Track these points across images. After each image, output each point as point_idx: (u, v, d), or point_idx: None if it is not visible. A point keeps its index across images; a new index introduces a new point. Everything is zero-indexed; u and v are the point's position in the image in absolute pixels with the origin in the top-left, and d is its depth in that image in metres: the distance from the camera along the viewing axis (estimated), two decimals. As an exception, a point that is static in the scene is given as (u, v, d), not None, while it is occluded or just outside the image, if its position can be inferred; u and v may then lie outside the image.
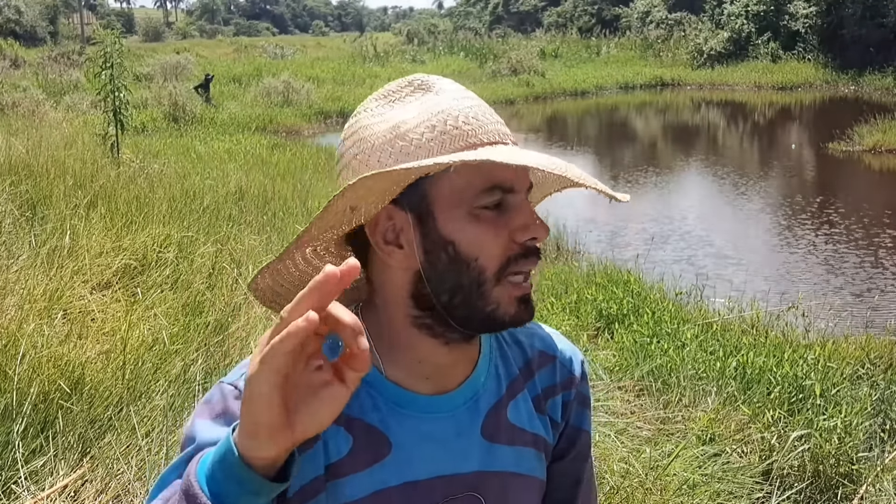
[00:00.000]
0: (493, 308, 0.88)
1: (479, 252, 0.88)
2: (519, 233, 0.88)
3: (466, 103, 0.92)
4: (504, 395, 0.97)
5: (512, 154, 0.84)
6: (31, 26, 46.65)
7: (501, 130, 0.92)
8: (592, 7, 43.78)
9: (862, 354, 4.68)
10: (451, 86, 0.94)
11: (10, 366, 3.12)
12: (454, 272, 0.88)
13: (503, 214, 0.89)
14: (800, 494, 3.27)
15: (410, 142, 0.89)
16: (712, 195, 12.47)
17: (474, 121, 0.91)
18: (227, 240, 5.78)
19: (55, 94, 17.99)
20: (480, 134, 0.90)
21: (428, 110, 0.90)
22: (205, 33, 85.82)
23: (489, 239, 0.88)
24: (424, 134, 0.89)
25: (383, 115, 0.90)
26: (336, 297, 0.67)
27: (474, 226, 0.88)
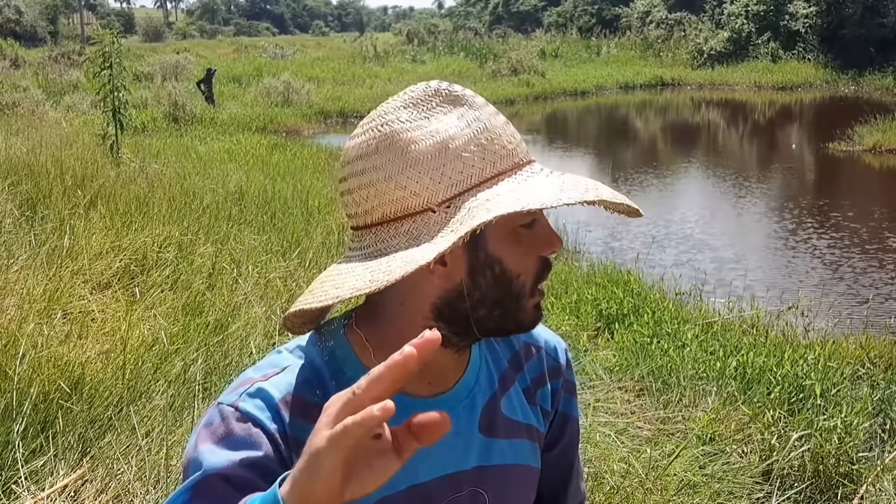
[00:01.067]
0: (522, 318, 0.93)
1: (522, 269, 0.91)
2: (545, 248, 0.92)
3: (501, 119, 0.92)
4: (497, 390, 0.99)
5: (565, 193, 0.86)
6: (31, 26, 46.66)
7: (519, 146, 0.93)
8: (592, 7, 43.77)
9: (862, 354, 4.67)
10: (480, 98, 0.93)
11: (10, 366, 3.12)
12: (498, 289, 0.90)
13: (532, 231, 0.91)
14: (800, 494, 3.26)
15: (463, 161, 0.87)
16: (712, 195, 12.47)
17: (514, 139, 0.92)
18: (226, 240, 5.78)
19: (55, 94, 17.99)
20: (521, 153, 0.91)
21: (471, 126, 0.88)
22: (205, 33, 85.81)
23: (528, 257, 0.91)
24: (475, 153, 0.87)
25: (423, 127, 0.87)
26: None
27: (516, 245, 0.90)
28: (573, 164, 15.16)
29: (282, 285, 5.01)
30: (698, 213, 10.66)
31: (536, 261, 0.92)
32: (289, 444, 0.85)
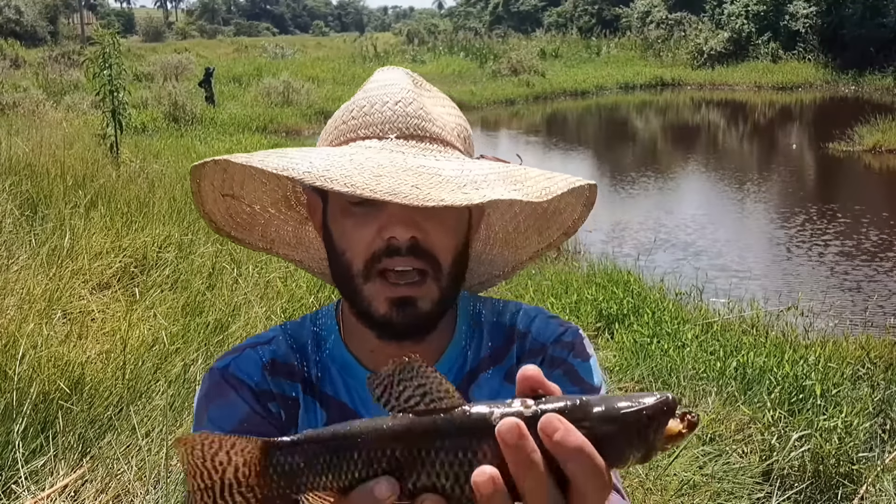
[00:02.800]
0: (367, 305, 0.92)
1: (347, 246, 0.92)
2: (382, 231, 0.90)
3: (372, 93, 0.97)
4: (464, 381, 1.00)
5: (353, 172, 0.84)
6: (31, 26, 46.65)
7: (391, 121, 0.94)
8: (592, 7, 43.78)
9: (862, 354, 4.67)
10: (381, 75, 1.00)
11: (10, 366, 3.12)
12: (336, 265, 0.94)
13: (376, 210, 0.91)
14: (800, 495, 3.26)
15: (324, 133, 0.99)
16: (712, 195, 12.46)
17: (361, 115, 0.95)
18: (226, 240, 5.76)
19: (55, 94, 17.97)
20: (365, 127, 0.94)
21: (347, 104, 0.98)
22: (205, 33, 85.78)
23: (355, 234, 0.91)
24: (331, 126, 0.98)
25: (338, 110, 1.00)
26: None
27: (344, 219, 0.93)
28: (573, 165, 15.17)
29: (282, 285, 5.01)
30: (698, 214, 10.65)
31: (369, 241, 0.90)
32: (274, 399, 0.97)
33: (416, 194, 0.81)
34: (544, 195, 0.86)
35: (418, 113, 0.94)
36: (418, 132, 0.93)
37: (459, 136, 0.99)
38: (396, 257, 0.89)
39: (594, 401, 0.61)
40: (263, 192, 1.05)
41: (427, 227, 0.91)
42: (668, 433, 0.60)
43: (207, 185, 1.00)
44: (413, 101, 0.95)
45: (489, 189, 0.84)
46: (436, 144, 0.94)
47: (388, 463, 0.59)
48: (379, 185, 0.81)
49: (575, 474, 0.58)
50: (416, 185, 0.82)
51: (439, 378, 0.61)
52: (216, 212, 1.03)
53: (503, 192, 0.84)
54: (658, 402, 0.60)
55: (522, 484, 0.58)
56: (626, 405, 0.60)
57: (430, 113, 0.96)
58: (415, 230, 0.89)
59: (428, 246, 0.91)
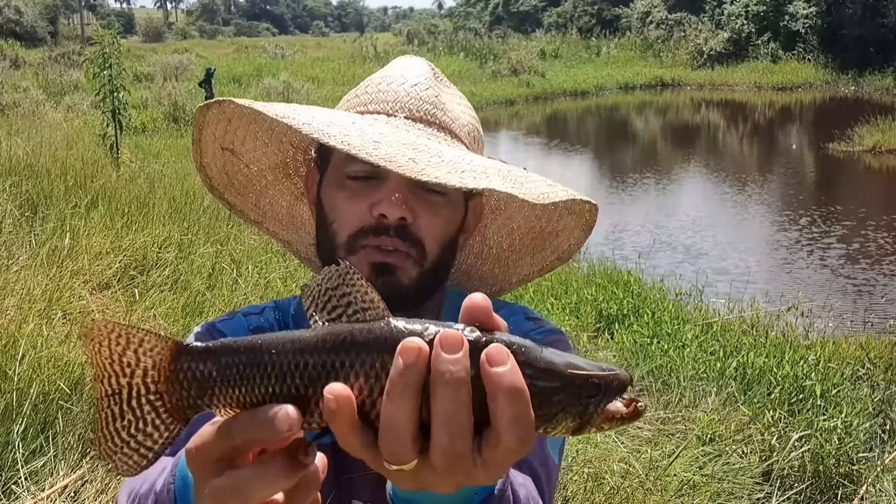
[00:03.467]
0: None
1: (335, 217, 0.92)
2: (373, 207, 0.90)
3: (391, 72, 0.98)
4: None
5: (352, 132, 0.83)
6: (31, 26, 46.63)
7: (403, 100, 0.94)
8: (592, 7, 43.78)
9: (862, 355, 4.67)
10: (404, 59, 1.02)
11: (10, 366, 3.12)
12: (321, 233, 0.95)
13: (372, 186, 0.90)
14: (800, 495, 3.27)
15: (339, 104, 1.01)
16: (712, 196, 12.46)
17: (375, 90, 0.97)
18: (227, 240, 5.78)
19: (55, 94, 17.97)
20: (376, 103, 0.95)
21: (366, 79, 1.00)
22: (205, 33, 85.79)
23: (346, 207, 0.91)
24: (349, 96, 1.00)
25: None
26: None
27: (338, 191, 0.93)
28: (573, 165, 15.16)
29: (282, 285, 5.01)
30: (698, 214, 10.65)
31: (360, 215, 0.90)
32: None
33: (411, 167, 0.80)
34: (542, 199, 0.85)
35: (432, 99, 0.94)
36: (427, 117, 0.93)
37: (469, 134, 0.99)
38: (383, 236, 0.89)
39: (545, 351, 0.55)
40: (263, 153, 1.04)
41: (419, 211, 0.90)
42: (610, 412, 0.55)
43: (209, 135, 0.98)
44: (429, 88, 0.95)
45: (486, 179, 0.83)
46: (443, 133, 0.93)
47: (300, 377, 0.54)
48: (377, 150, 0.81)
49: (501, 418, 0.51)
50: (414, 158, 0.81)
51: (365, 287, 0.56)
52: (213, 166, 1.02)
53: (501, 185, 0.83)
54: (608, 375, 0.55)
55: (440, 407, 0.52)
56: (574, 365, 0.55)
57: (444, 103, 0.95)
58: (407, 212, 0.89)
59: (416, 230, 0.90)
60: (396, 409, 0.52)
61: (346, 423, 0.52)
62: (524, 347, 0.55)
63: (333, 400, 0.52)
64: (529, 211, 1.03)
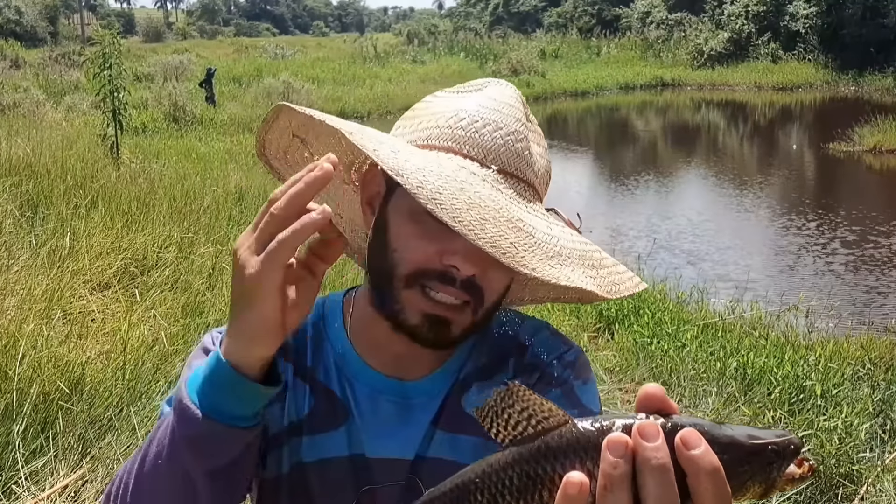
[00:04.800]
0: (399, 309, 0.89)
1: (400, 246, 0.90)
2: (446, 254, 0.88)
3: (486, 112, 0.93)
4: (457, 384, 0.98)
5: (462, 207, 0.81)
6: (31, 26, 46.66)
7: (498, 151, 0.91)
8: (593, 7, 43.78)
9: (862, 355, 4.67)
10: (497, 91, 0.96)
11: (10, 366, 3.12)
12: (378, 255, 0.92)
13: (447, 232, 0.86)
14: (800, 495, 3.26)
15: (420, 122, 0.95)
16: (713, 196, 12.47)
17: (472, 130, 0.92)
18: (226, 240, 5.77)
19: (55, 94, 17.97)
20: (467, 145, 0.91)
21: (456, 105, 0.94)
22: (205, 34, 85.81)
23: (415, 241, 0.89)
24: (432, 122, 0.94)
25: (437, 100, 0.97)
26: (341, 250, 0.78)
27: (410, 223, 0.90)
28: (573, 166, 15.16)
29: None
30: (698, 215, 10.65)
31: (427, 256, 0.88)
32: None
33: (512, 253, 0.82)
34: (612, 292, 0.88)
35: (524, 154, 0.93)
36: (518, 173, 0.92)
37: (544, 183, 0.98)
38: (449, 287, 0.88)
39: (723, 427, 0.61)
40: (335, 150, 0.99)
41: (488, 269, 0.89)
42: (790, 475, 0.60)
43: (285, 120, 0.96)
44: (523, 139, 0.93)
45: (570, 270, 0.85)
46: (529, 191, 0.93)
47: (509, 494, 0.59)
48: (483, 231, 0.81)
49: (703, 496, 0.56)
50: (514, 243, 0.83)
51: (540, 399, 0.60)
52: (274, 141, 1.00)
53: (581, 280, 0.86)
54: (786, 441, 0.60)
55: (650, 490, 0.56)
56: (753, 436, 0.60)
57: (532, 155, 0.94)
58: (478, 269, 0.88)
59: (480, 285, 0.90)
60: (617, 500, 0.55)
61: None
62: (706, 427, 0.59)
63: (576, 484, 0.55)
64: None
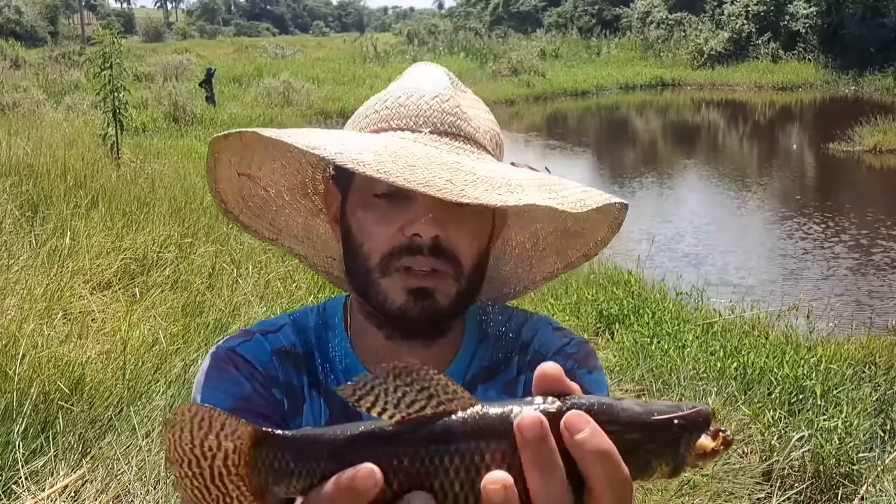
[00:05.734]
0: (383, 298, 0.89)
1: (365, 239, 0.90)
2: (405, 227, 0.87)
3: (409, 83, 0.95)
4: (465, 382, 0.97)
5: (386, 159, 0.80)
6: (31, 26, 46.64)
7: (426, 114, 0.91)
8: (593, 7, 43.76)
9: (863, 355, 4.67)
10: (417, 69, 0.98)
11: (11, 366, 3.12)
12: (351, 258, 0.92)
13: (401, 205, 0.87)
14: (800, 495, 3.27)
15: (353, 121, 0.96)
16: (713, 196, 12.47)
17: (396, 105, 0.93)
18: (227, 240, 5.78)
19: (56, 94, 17.97)
20: (398, 118, 0.91)
21: (381, 94, 0.96)
22: (205, 34, 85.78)
23: (375, 227, 0.89)
24: (362, 115, 0.95)
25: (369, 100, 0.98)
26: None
27: (365, 212, 0.90)
28: (574, 166, 15.16)
29: (282, 286, 5.01)
30: (698, 215, 10.66)
31: (389, 236, 0.87)
32: (280, 386, 0.95)
33: (450, 188, 0.78)
34: (580, 206, 0.83)
35: (454, 110, 0.92)
36: (453, 129, 0.91)
37: (491, 141, 0.97)
38: (418, 256, 0.86)
39: (623, 404, 0.56)
40: (282, 175, 1.01)
41: (450, 226, 0.88)
42: (701, 449, 0.56)
43: (225, 161, 0.95)
44: (450, 98, 0.93)
45: (524, 194, 0.81)
46: (469, 145, 0.91)
47: (394, 473, 0.53)
48: (413, 175, 0.78)
49: (596, 481, 0.53)
50: (451, 179, 0.80)
51: (444, 380, 0.55)
52: (228, 192, 0.99)
53: (539, 198, 0.80)
54: (692, 413, 0.56)
55: (537, 488, 0.52)
56: (657, 412, 0.56)
57: (465, 112, 0.93)
58: (440, 229, 0.86)
59: (450, 246, 0.88)
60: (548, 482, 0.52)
61: None
62: (604, 405, 0.55)
63: (501, 490, 0.51)
64: (553, 211, 1.00)
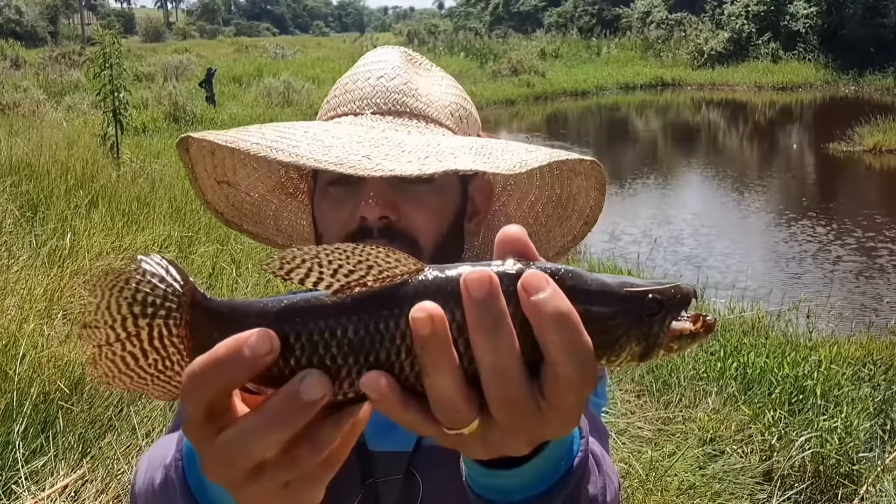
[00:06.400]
0: None
1: (324, 228, 0.90)
2: (355, 210, 0.85)
3: (358, 68, 0.94)
4: None
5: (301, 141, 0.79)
6: (31, 26, 46.66)
7: (369, 97, 0.89)
8: (593, 7, 43.76)
9: (863, 355, 4.67)
10: (372, 53, 0.97)
11: (11, 366, 3.12)
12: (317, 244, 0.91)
13: (353, 190, 0.86)
14: (800, 495, 3.27)
15: (327, 101, 0.96)
16: (713, 196, 12.46)
17: (343, 91, 0.92)
18: (227, 240, 5.77)
19: (56, 94, 17.97)
20: (343, 104, 0.91)
21: (338, 80, 0.96)
22: (205, 33, 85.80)
23: (330, 217, 0.88)
24: (323, 104, 0.96)
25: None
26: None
27: (321, 201, 0.89)
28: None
29: (282, 285, 5.00)
30: (699, 214, 10.65)
31: (342, 223, 0.86)
32: None
33: (364, 164, 0.76)
34: (518, 167, 0.78)
35: (400, 88, 0.90)
36: (397, 107, 0.89)
37: (453, 115, 0.93)
38: (368, 240, 0.83)
39: (592, 274, 0.50)
40: (256, 177, 1.00)
41: (404, 207, 0.86)
42: (677, 330, 0.49)
43: (201, 171, 0.95)
44: (397, 77, 0.91)
45: (452, 161, 0.77)
46: (415, 121, 0.89)
47: (338, 346, 0.47)
48: (326, 155, 0.77)
49: (553, 351, 0.45)
50: (368, 155, 0.77)
51: (385, 249, 0.48)
52: (218, 202, 1.00)
53: (467, 164, 0.76)
54: (671, 288, 0.50)
55: (483, 355, 0.45)
56: (629, 283, 0.50)
57: (415, 88, 0.90)
58: (387, 210, 0.84)
59: (403, 227, 0.86)
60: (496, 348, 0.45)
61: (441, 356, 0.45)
62: (570, 273, 0.49)
63: (427, 319, 0.44)
64: (540, 180, 0.98)
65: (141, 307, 0.50)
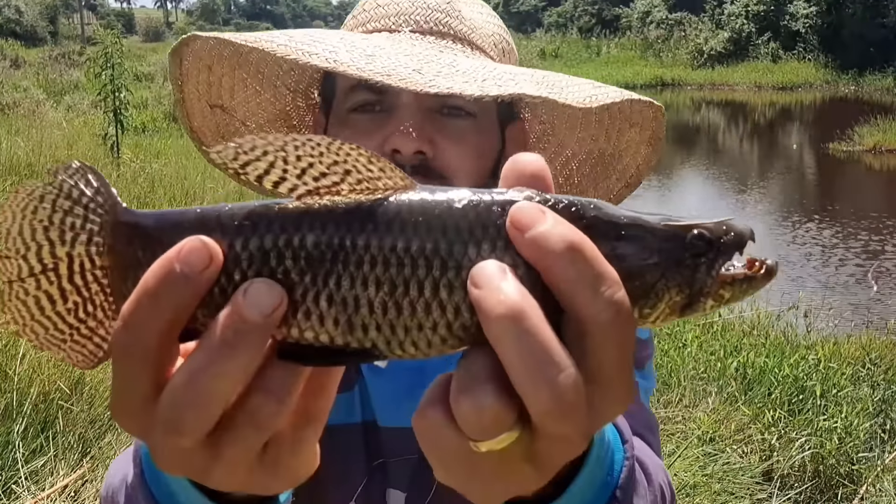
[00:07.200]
0: None
1: None
2: (385, 142, 0.73)
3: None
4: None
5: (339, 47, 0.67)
6: (31, 26, 46.64)
7: (407, 14, 0.77)
8: (593, 7, 43.77)
9: (863, 355, 4.67)
10: None
11: (11, 366, 3.12)
12: None
13: (381, 118, 0.74)
14: (800, 495, 3.26)
15: (354, 14, 0.84)
16: (713, 195, 12.46)
17: (376, 6, 0.80)
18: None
19: (56, 94, 17.97)
20: (375, 20, 0.79)
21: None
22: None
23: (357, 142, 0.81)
24: (346, 20, 0.84)
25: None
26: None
27: (342, 131, 0.77)
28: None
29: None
30: (699, 214, 10.65)
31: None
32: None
33: (416, 79, 0.65)
34: (589, 102, 0.70)
35: (443, 7, 0.79)
36: (440, 27, 0.77)
37: (496, 45, 0.83)
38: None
39: (620, 209, 0.41)
40: (257, 103, 0.87)
41: (440, 141, 0.74)
42: (730, 276, 0.40)
43: (192, 91, 0.80)
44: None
45: (515, 86, 0.67)
46: (459, 45, 0.77)
47: (292, 262, 0.38)
48: (370, 64, 0.65)
49: (570, 291, 0.35)
50: (420, 70, 0.67)
51: (368, 153, 0.39)
52: (207, 131, 0.85)
53: (532, 90, 0.67)
54: (720, 225, 0.41)
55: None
56: (669, 218, 0.41)
57: (459, 10, 0.80)
58: (424, 144, 0.73)
59: (439, 167, 0.74)
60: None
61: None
62: (592, 204, 0.39)
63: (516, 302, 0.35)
64: (583, 132, 0.85)
65: (59, 232, 0.41)
